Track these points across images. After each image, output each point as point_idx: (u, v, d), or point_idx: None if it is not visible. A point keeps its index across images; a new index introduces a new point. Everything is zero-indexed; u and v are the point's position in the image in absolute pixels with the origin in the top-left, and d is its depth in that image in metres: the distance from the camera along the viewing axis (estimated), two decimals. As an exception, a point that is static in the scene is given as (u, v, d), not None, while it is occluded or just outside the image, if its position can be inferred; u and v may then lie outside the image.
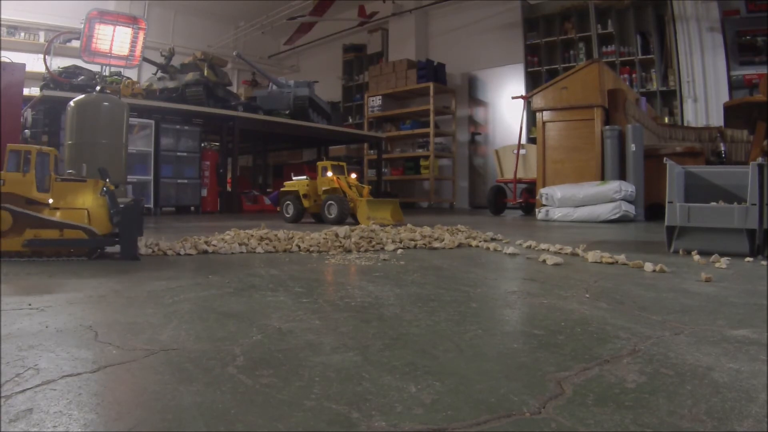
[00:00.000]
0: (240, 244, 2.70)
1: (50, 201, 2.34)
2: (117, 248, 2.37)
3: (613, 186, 5.50)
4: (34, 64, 8.40)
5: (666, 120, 7.97)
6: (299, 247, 2.73)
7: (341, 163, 5.40)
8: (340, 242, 2.81)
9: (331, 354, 0.97)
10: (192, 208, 7.37)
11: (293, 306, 1.38)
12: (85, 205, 2.41)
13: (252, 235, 2.95)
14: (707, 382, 0.83)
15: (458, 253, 2.70)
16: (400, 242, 2.94)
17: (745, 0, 7.73)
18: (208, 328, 1.15)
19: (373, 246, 2.80)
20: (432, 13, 11.70)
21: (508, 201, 7.39)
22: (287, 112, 8.37)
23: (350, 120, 12.77)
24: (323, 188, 5.14)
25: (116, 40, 6.41)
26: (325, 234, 2.95)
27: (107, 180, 2.45)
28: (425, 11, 11.68)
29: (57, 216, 2.31)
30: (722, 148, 6.82)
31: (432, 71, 10.64)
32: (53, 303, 1.37)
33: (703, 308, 1.39)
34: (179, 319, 1.22)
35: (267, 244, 2.77)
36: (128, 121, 4.80)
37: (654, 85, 8.50)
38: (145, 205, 5.89)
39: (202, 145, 7.81)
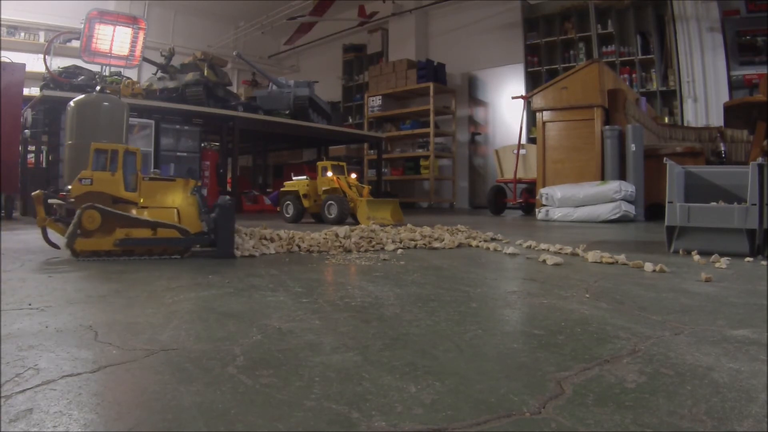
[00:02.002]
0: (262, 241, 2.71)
1: (141, 200, 2.37)
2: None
3: (613, 186, 5.50)
4: (34, 64, 8.40)
5: (666, 120, 7.97)
6: (299, 247, 2.73)
7: (341, 163, 5.40)
8: (340, 242, 2.81)
9: (331, 354, 0.97)
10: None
11: (293, 306, 1.38)
12: (175, 204, 2.43)
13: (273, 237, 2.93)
14: (707, 382, 0.83)
15: (458, 253, 2.70)
16: (400, 242, 2.94)
17: (745, 0, 7.73)
18: (208, 328, 1.15)
19: (373, 246, 2.80)
20: (432, 13, 11.70)
21: (508, 201, 7.39)
22: (287, 112, 8.36)
23: (350, 120, 12.77)
24: (323, 188, 5.14)
25: (116, 40, 6.41)
26: (325, 234, 2.95)
27: (198, 180, 2.49)
28: (425, 11, 11.68)
29: (146, 215, 2.33)
30: (722, 148, 6.83)
31: (432, 71, 10.64)
32: (53, 303, 1.37)
33: (703, 308, 1.39)
34: (179, 319, 1.22)
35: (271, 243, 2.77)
36: (128, 121, 4.80)
37: (654, 85, 8.50)
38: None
39: (202, 145, 7.81)
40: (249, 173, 11.33)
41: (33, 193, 2.34)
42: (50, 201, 2.45)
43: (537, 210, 6.17)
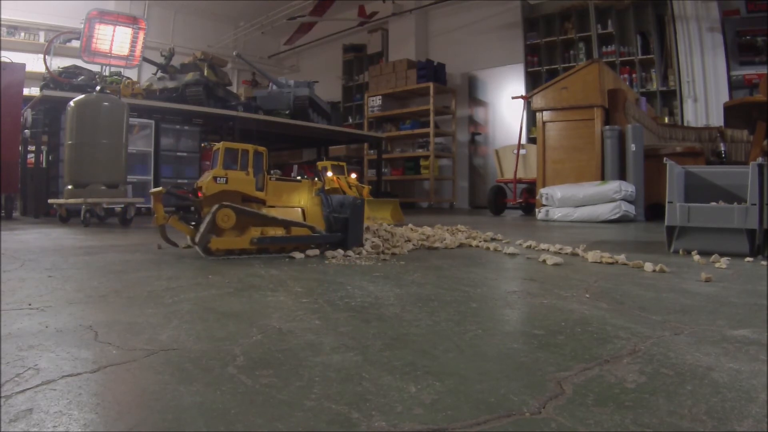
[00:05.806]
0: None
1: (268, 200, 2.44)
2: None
3: (613, 186, 5.50)
4: (34, 64, 8.40)
5: (666, 120, 7.97)
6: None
7: (341, 163, 5.40)
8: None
9: (331, 354, 0.97)
10: (192, 208, 7.35)
11: (293, 306, 1.38)
12: (301, 203, 2.50)
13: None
14: (707, 382, 0.83)
15: (458, 253, 2.70)
16: (408, 241, 2.94)
17: (745, 0, 7.73)
18: (208, 328, 1.15)
19: (391, 244, 2.81)
20: (432, 13, 11.70)
21: (508, 201, 7.38)
22: (287, 112, 8.36)
23: (350, 120, 12.76)
24: (323, 188, 5.13)
25: (116, 40, 6.41)
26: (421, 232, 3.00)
27: (323, 181, 2.56)
28: (425, 11, 11.68)
29: (273, 214, 2.39)
30: (722, 148, 6.82)
31: (432, 71, 10.63)
32: (53, 303, 1.37)
33: (703, 308, 1.39)
34: (179, 319, 1.21)
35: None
36: (128, 121, 4.80)
37: (654, 85, 8.50)
38: (145, 205, 5.89)
39: (202, 145, 7.81)
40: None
41: (152, 191, 2.37)
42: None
43: (537, 210, 6.16)
